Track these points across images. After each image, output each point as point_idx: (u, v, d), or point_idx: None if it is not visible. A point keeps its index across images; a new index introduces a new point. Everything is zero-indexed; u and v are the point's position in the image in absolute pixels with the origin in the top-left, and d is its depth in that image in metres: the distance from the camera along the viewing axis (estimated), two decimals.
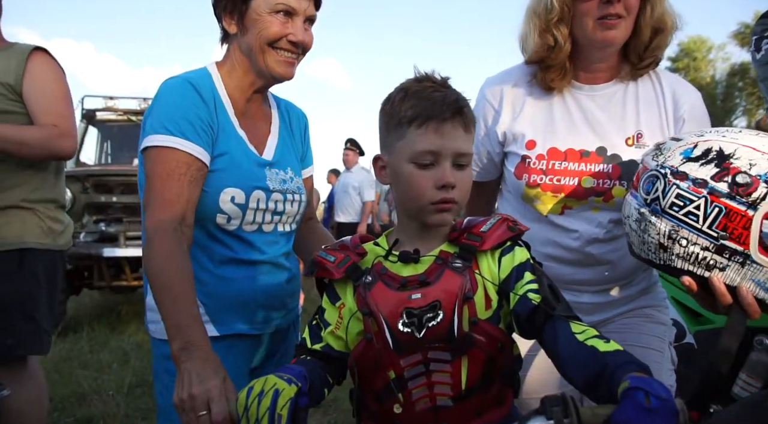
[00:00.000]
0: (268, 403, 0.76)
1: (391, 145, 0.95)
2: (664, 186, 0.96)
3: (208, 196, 1.18)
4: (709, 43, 28.48)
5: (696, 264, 0.94)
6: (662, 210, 0.96)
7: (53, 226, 1.87)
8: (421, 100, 0.91)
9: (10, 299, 1.76)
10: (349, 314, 0.94)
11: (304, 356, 0.97)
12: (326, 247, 1.01)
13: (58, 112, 1.81)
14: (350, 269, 0.95)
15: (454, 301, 0.88)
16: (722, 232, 0.90)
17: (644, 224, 0.99)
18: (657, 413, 0.64)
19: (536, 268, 0.93)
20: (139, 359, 3.70)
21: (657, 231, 0.97)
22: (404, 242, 0.97)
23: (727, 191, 0.90)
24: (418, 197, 0.91)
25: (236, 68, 1.27)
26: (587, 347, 0.79)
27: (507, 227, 0.94)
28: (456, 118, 0.91)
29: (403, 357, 0.89)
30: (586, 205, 1.23)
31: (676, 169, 0.96)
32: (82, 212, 4.75)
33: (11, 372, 1.80)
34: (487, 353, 0.89)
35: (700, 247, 0.93)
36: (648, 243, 1.00)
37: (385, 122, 0.97)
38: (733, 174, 0.90)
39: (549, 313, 0.85)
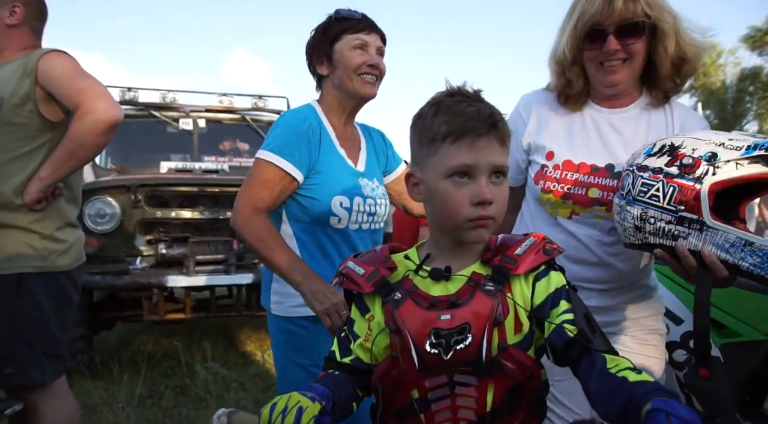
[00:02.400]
0: (292, 420, 0.75)
1: (424, 162, 0.93)
2: (632, 179, 1.17)
3: (322, 203, 1.55)
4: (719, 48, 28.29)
5: (664, 237, 1.12)
6: (633, 199, 1.16)
7: (51, 246, 1.79)
8: (455, 115, 0.89)
9: (8, 326, 1.71)
10: (378, 328, 0.93)
11: (332, 370, 0.96)
12: (356, 257, 1.00)
13: (75, 90, 1.71)
14: (380, 284, 0.94)
15: (484, 325, 0.86)
16: (679, 205, 1.08)
17: (623, 214, 1.20)
18: None
19: (572, 295, 0.91)
20: (149, 369, 3.70)
21: (632, 216, 1.17)
22: (435, 258, 0.96)
23: (677, 173, 1.10)
24: (454, 215, 0.90)
25: (332, 102, 1.65)
26: (618, 378, 0.77)
27: (543, 251, 0.92)
28: (491, 132, 0.89)
29: (428, 378, 0.88)
30: (591, 213, 1.37)
31: (640, 164, 1.17)
32: (134, 232, 3.80)
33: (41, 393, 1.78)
34: (514, 380, 0.87)
35: (665, 221, 1.11)
36: (627, 228, 1.19)
37: (417, 138, 0.95)
38: (681, 158, 1.10)
39: (585, 347, 0.83)
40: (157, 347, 4.58)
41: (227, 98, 4.92)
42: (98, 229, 3.65)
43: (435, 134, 0.90)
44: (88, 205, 3.61)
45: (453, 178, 0.89)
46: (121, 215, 3.73)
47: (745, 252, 1.04)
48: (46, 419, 1.80)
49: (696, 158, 1.08)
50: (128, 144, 4.82)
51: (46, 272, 1.78)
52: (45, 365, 1.78)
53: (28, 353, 1.74)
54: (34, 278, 1.75)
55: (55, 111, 1.80)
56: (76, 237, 1.91)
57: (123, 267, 3.67)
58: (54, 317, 1.80)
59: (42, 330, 1.77)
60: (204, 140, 4.84)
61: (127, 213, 3.75)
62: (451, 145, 0.89)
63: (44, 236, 1.78)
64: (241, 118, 4.96)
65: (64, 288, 1.84)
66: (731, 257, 1.06)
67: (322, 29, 1.64)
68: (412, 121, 0.98)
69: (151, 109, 4.71)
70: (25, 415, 1.86)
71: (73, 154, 1.75)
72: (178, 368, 3.79)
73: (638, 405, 0.69)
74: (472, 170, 0.89)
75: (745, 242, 1.04)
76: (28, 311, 1.74)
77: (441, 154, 0.90)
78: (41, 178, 1.74)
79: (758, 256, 1.03)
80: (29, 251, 1.75)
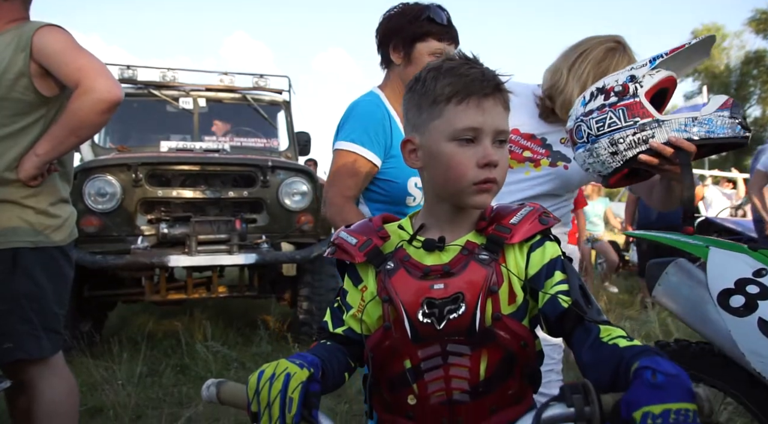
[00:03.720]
0: (279, 386, 0.73)
1: (424, 126, 0.90)
2: (586, 125, 1.40)
3: (398, 185, 1.66)
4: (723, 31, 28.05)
5: (638, 145, 1.35)
6: (596, 136, 1.39)
7: (45, 221, 1.77)
8: (460, 76, 0.86)
9: (6, 302, 1.71)
10: (371, 298, 0.92)
11: (324, 340, 0.95)
12: (348, 227, 0.98)
13: (74, 68, 1.67)
14: (372, 254, 0.92)
15: (478, 294, 0.85)
16: (634, 118, 1.34)
17: (593, 152, 1.40)
18: (664, 388, 0.61)
19: (567, 265, 0.89)
20: (149, 349, 3.71)
21: (603, 147, 1.38)
22: (430, 228, 0.94)
23: (616, 99, 1.36)
24: (459, 178, 0.87)
25: (397, 90, 1.72)
26: (609, 346, 0.75)
27: (538, 220, 0.90)
28: (496, 94, 0.87)
29: (421, 348, 0.87)
30: (522, 167, 1.73)
31: (584, 113, 1.41)
32: (135, 211, 3.72)
33: (39, 369, 1.78)
34: (508, 350, 0.86)
35: (631, 134, 1.34)
36: (604, 160, 1.40)
37: (416, 103, 0.92)
38: (612, 90, 1.37)
39: (579, 317, 0.82)
40: (157, 327, 4.59)
41: (228, 77, 4.85)
42: (99, 208, 3.60)
43: (438, 96, 0.87)
44: (88, 183, 3.56)
45: (459, 140, 0.87)
46: (122, 193, 3.66)
47: (696, 125, 1.32)
48: (44, 394, 1.79)
49: (623, 84, 1.36)
50: (127, 123, 4.74)
51: (41, 247, 1.76)
52: (43, 340, 1.77)
53: (26, 327, 1.73)
54: (30, 253, 1.74)
55: (50, 86, 1.77)
56: (69, 213, 1.89)
57: (124, 247, 3.62)
58: (50, 292, 1.79)
59: (39, 305, 1.76)
60: (204, 120, 4.77)
61: (127, 192, 3.69)
62: (457, 106, 0.86)
63: (38, 211, 1.77)
64: (242, 98, 4.90)
65: (58, 263, 1.83)
66: (690, 133, 1.32)
67: (408, 20, 1.67)
68: (407, 88, 0.95)
69: (150, 87, 4.62)
70: (24, 391, 1.85)
71: (73, 132, 1.72)
72: (178, 347, 3.80)
73: (627, 367, 0.68)
74: (478, 133, 0.86)
75: (692, 119, 1.32)
76: (25, 286, 1.73)
77: (445, 116, 0.87)
78: (38, 154, 1.71)
79: (705, 124, 1.32)
80: (24, 226, 1.73)
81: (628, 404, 0.61)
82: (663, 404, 0.59)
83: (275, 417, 0.72)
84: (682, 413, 0.59)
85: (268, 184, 3.95)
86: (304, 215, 4.01)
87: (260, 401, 0.74)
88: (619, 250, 7.92)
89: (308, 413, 0.74)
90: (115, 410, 2.77)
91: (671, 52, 1.38)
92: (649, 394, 0.60)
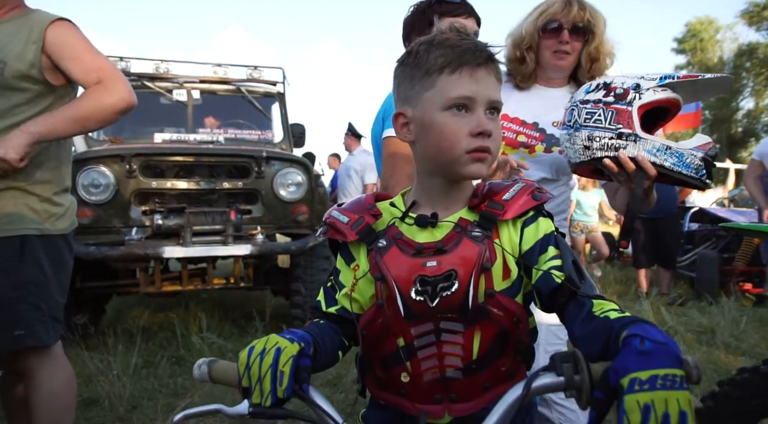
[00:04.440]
0: (270, 361, 0.73)
1: (416, 98, 0.90)
2: (577, 111, 1.45)
3: None
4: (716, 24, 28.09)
5: (609, 150, 1.40)
6: (580, 125, 1.44)
7: (50, 209, 1.78)
8: (452, 47, 0.86)
9: (15, 288, 1.70)
10: (362, 275, 0.91)
11: (318, 319, 0.95)
12: (340, 206, 0.97)
13: (96, 67, 1.73)
14: (364, 232, 0.91)
15: (471, 271, 0.85)
16: (618, 124, 1.38)
17: (572, 139, 1.46)
18: (652, 355, 0.60)
19: (560, 241, 0.89)
20: (145, 341, 3.70)
21: (580, 138, 1.44)
22: (422, 205, 0.93)
23: (613, 100, 1.40)
24: (452, 147, 0.86)
25: None
26: (601, 319, 0.75)
27: (531, 196, 0.89)
28: (489, 64, 0.87)
29: (414, 326, 0.87)
30: (517, 153, 1.73)
31: (582, 99, 1.46)
32: (129, 202, 3.70)
33: (39, 358, 1.77)
34: (501, 326, 0.86)
35: (608, 138, 1.40)
36: (577, 150, 1.46)
37: (408, 76, 0.91)
38: (614, 90, 1.41)
39: (572, 292, 0.81)
40: (152, 320, 4.58)
41: (222, 69, 4.82)
42: (92, 199, 3.59)
43: (431, 67, 0.87)
44: (82, 175, 3.55)
45: (452, 109, 0.86)
46: (116, 185, 3.64)
47: (667, 154, 1.38)
48: (43, 384, 1.79)
49: (625, 88, 1.40)
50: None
51: (47, 235, 1.77)
52: (50, 327, 1.78)
53: (37, 314, 1.74)
54: (37, 241, 1.74)
55: (58, 77, 1.77)
56: (70, 202, 1.90)
57: (118, 238, 3.61)
58: (53, 280, 1.79)
59: (46, 293, 1.76)
60: (199, 112, 4.74)
61: (121, 183, 3.67)
62: (450, 75, 0.86)
63: (43, 198, 1.77)
64: (236, 90, 4.87)
65: (62, 252, 1.84)
66: (657, 159, 1.38)
67: (422, 10, 1.70)
68: (398, 63, 0.94)
69: (144, 79, 4.56)
70: (19, 381, 1.85)
71: (79, 122, 1.73)
72: (173, 339, 3.80)
73: (616, 336, 0.68)
74: (471, 102, 0.86)
75: (666, 147, 1.37)
76: (33, 273, 1.73)
77: (438, 86, 0.87)
78: (32, 132, 1.66)
79: (675, 156, 1.37)
80: (30, 214, 1.74)
81: (616, 371, 0.61)
82: (650, 370, 0.59)
83: (266, 391, 0.72)
84: (669, 378, 0.58)
85: (263, 175, 3.94)
86: (299, 206, 4.00)
87: (251, 376, 0.73)
88: (613, 241, 7.95)
89: (299, 387, 0.74)
90: (111, 401, 2.77)
91: (683, 77, 1.41)
92: (637, 360, 0.60)
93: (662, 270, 5.75)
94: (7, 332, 1.68)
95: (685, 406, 0.57)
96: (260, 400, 0.73)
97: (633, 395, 0.58)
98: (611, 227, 8.86)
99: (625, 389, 0.59)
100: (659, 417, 0.56)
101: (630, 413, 0.57)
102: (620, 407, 0.59)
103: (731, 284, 5.48)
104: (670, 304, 5.07)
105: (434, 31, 0.92)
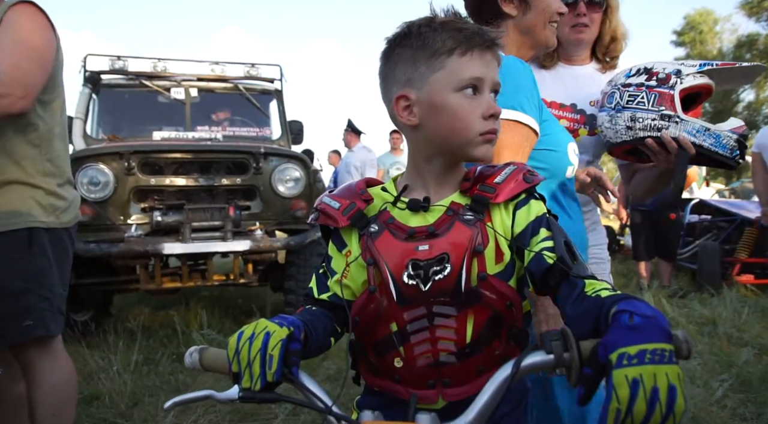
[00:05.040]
0: (259, 344, 0.73)
1: (422, 79, 0.88)
2: (619, 94, 1.55)
3: (559, 153, 1.37)
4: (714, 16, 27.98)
5: (651, 130, 1.51)
6: (623, 107, 1.54)
7: (55, 202, 1.79)
8: (459, 30, 0.87)
9: (24, 280, 1.71)
10: (355, 262, 0.91)
11: (310, 306, 0.94)
12: (331, 192, 0.97)
13: (8, 64, 1.60)
14: (355, 217, 0.91)
15: (463, 254, 0.84)
16: (660, 106, 1.49)
17: (614, 120, 1.55)
18: (641, 329, 0.60)
19: (552, 223, 0.88)
20: (146, 338, 3.71)
21: (623, 119, 1.54)
22: (414, 189, 0.93)
23: (655, 84, 1.51)
24: (466, 129, 0.87)
25: (516, 43, 1.44)
26: (592, 298, 0.74)
27: (522, 178, 0.89)
28: (493, 48, 0.89)
29: (407, 310, 0.86)
30: None
31: (623, 83, 1.55)
32: (128, 200, 3.74)
33: (41, 351, 1.77)
34: (494, 310, 0.86)
35: (651, 119, 1.50)
36: (619, 130, 1.56)
37: (410, 57, 0.89)
38: (656, 75, 1.52)
39: (564, 273, 0.81)
40: (153, 318, 4.59)
41: (219, 67, 4.83)
42: (92, 197, 3.60)
43: (439, 49, 0.86)
44: (81, 172, 3.57)
45: (464, 91, 0.87)
46: (115, 182, 3.65)
47: (705, 135, 1.49)
48: (45, 378, 1.79)
49: (668, 73, 1.51)
50: (119, 114, 4.72)
51: (52, 228, 1.78)
52: (58, 319, 1.80)
53: (46, 305, 1.75)
54: (44, 233, 1.76)
55: None
56: (74, 195, 1.91)
57: (118, 235, 3.62)
58: (57, 273, 1.81)
59: (53, 285, 1.78)
60: (196, 110, 4.75)
61: (120, 181, 3.67)
62: (461, 57, 0.86)
63: (48, 191, 1.78)
64: (233, 88, 4.88)
65: (65, 245, 1.85)
66: (697, 139, 1.49)
67: None
68: (392, 45, 0.92)
69: (141, 78, 4.58)
70: (18, 378, 1.85)
71: None
72: (174, 336, 3.80)
73: (606, 313, 0.68)
74: (481, 84, 0.87)
75: (705, 129, 1.49)
76: (41, 265, 1.75)
77: (449, 67, 0.86)
78: None
79: (713, 137, 1.49)
80: (36, 207, 1.75)
81: (604, 347, 0.61)
82: (639, 344, 0.59)
83: (256, 375, 0.72)
84: (657, 353, 0.58)
85: (261, 171, 3.96)
86: (297, 202, 4.01)
87: (240, 361, 0.73)
88: (614, 234, 7.94)
89: (288, 370, 0.74)
90: (112, 398, 2.78)
91: (721, 65, 1.53)
92: (626, 335, 0.60)
93: (663, 262, 5.73)
94: (17, 322, 1.69)
95: (674, 380, 0.57)
96: (250, 384, 0.72)
97: (621, 369, 0.58)
98: (611, 221, 8.84)
99: (614, 364, 0.58)
100: (648, 392, 0.56)
101: (618, 387, 0.57)
102: (609, 382, 0.58)
103: (732, 276, 5.47)
104: (671, 296, 5.06)
105: (430, 12, 0.91)
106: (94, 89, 4.61)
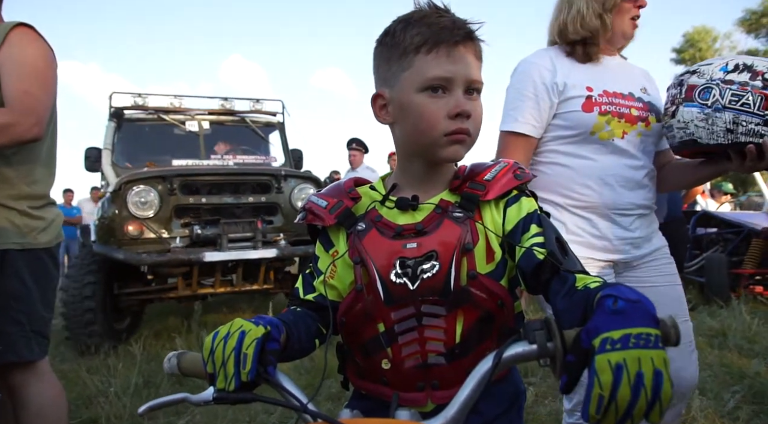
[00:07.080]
0: (233, 344, 0.70)
1: (394, 79, 0.87)
2: (719, 91, 1.41)
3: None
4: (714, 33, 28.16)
5: (754, 136, 1.38)
6: (724, 106, 1.40)
7: (31, 223, 1.74)
8: (429, 25, 0.83)
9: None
10: (342, 262, 0.89)
11: (295, 306, 0.92)
12: (319, 191, 0.95)
13: (21, 91, 1.61)
14: (343, 215, 0.89)
15: (452, 252, 0.82)
16: (766, 111, 1.36)
17: (711, 120, 1.42)
18: (625, 314, 0.57)
19: (543, 219, 0.86)
20: (146, 361, 3.67)
21: (723, 121, 1.40)
22: (403, 188, 0.91)
23: (762, 85, 1.37)
24: (430, 129, 0.84)
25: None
26: (581, 290, 0.72)
27: (513, 175, 0.87)
28: (467, 42, 0.84)
29: (395, 310, 0.84)
30: (635, 129, 1.59)
31: (724, 79, 1.41)
32: (171, 216, 4.25)
33: (24, 374, 1.74)
34: (484, 310, 0.83)
35: (755, 124, 1.37)
36: (716, 132, 1.42)
37: (385, 56, 0.88)
38: (761, 74, 1.38)
39: (555, 268, 0.78)
40: (154, 341, 4.55)
41: (228, 102, 5.54)
42: (140, 214, 4.12)
43: (407, 47, 0.84)
44: (131, 193, 4.09)
45: (428, 91, 0.84)
46: (159, 202, 4.17)
47: None
48: (31, 400, 1.76)
49: None
50: (140, 145, 5.35)
51: (28, 249, 1.74)
52: (33, 343, 1.74)
53: (16, 329, 1.70)
54: (17, 255, 1.71)
55: None
56: (54, 215, 1.86)
57: (163, 247, 4.14)
58: (37, 295, 1.76)
59: (28, 307, 1.73)
60: (208, 140, 5.38)
61: (164, 200, 4.20)
62: (426, 55, 0.83)
63: (22, 212, 1.73)
64: (240, 120, 5.56)
65: (45, 265, 1.80)
66: None
67: None
68: (376, 43, 0.92)
69: (160, 113, 5.27)
70: (9, 397, 1.82)
71: None
72: None
73: (592, 301, 0.65)
74: (449, 83, 0.83)
75: None
76: (14, 287, 1.70)
77: (415, 66, 0.84)
78: None
79: None
80: (10, 227, 1.71)
81: (587, 333, 0.58)
82: (623, 329, 0.56)
83: (230, 375, 0.69)
84: (642, 337, 0.55)
85: (282, 191, 4.59)
86: None
87: (215, 361, 0.71)
88: None
89: (264, 370, 0.71)
90: (110, 422, 2.73)
91: None
92: (609, 320, 0.58)
93: None
94: None
95: (660, 365, 0.54)
96: (224, 384, 0.70)
97: (604, 354, 0.55)
98: None
99: (596, 350, 0.56)
100: (632, 377, 0.53)
101: (600, 373, 0.54)
102: (591, 367, 0.55)
103: (741, 288, 5.38)
104: None
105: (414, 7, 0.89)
106: (118, 123, 5.22)
